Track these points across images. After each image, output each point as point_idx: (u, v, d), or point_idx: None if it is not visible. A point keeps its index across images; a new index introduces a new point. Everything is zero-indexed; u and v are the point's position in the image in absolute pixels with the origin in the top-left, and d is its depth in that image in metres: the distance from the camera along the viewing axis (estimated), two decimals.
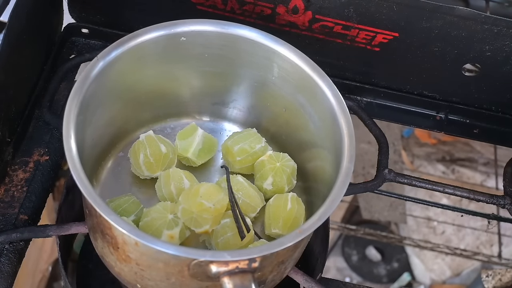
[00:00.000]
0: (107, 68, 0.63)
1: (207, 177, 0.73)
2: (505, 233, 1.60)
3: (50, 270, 1.30)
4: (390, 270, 1.89)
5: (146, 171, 0.69)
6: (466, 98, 0.89)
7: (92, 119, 0.64)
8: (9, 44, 0.68)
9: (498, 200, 0.79)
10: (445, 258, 1.76)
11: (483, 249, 1.71)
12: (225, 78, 0.72)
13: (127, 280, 0.62)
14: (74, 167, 0.55)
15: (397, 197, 1.26)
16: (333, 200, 0.58)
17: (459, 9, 0.73)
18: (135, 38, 0.64)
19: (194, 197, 0.63)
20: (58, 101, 0.79)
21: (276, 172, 0.69)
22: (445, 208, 1.24)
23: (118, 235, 0.56)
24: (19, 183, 0.73)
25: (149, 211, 0.64)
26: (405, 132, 1.83)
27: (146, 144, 0.68)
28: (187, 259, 0.53)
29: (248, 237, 0.64)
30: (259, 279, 0.58)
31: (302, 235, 0.55)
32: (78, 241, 0.83)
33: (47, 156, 0.75)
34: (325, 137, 0.67)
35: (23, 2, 0.70)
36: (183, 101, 0.75)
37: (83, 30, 0.86)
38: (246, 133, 0.72)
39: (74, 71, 0.83)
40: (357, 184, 0.77)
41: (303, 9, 0.77)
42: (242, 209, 0.66)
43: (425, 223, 1.76)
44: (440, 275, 1.77)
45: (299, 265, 0.70)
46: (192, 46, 0.68)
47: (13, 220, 0.70)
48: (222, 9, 0.79)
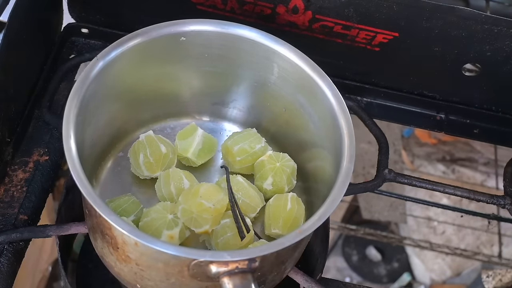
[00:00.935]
0: (107, 68, 0.63)
1: (207, 177, 0.73)
2: (506, 233, 1.60)
3: (50, 270, 1.30)
4: (390, 270, 1.89)
5: (146, 171, 0.69)
6: (466, 98, 0.89)
7: (92, 119, 0.64)
8: (8, 44, 0.68)
9: (498, 200, 0.79)
10: (445, 258, 1.76)
11: (484, 249, 1.71)
12: (225, 78, 0.72)
13: (126, 280, 0.62)
14: (74, 167, 0.55)
15: (397, 197, 1.27)
16: (333, 200, 0.58)
17: (459, 9, 0.73)
18: (135, 38, 0.64)
19: (194, 197, 0.63)
20: (58, 101, 0.79)
21: (276, 172, 0.69)
22: (445, 208, 1.24)
23: (118, 235, 0.56)
24: (18, 183, 0.73)
25: (149, 211, 0.64)
26: (405, 132, 1.83)
27: (146, 144, 0.68)
28: (187, 259, 0.52)
29: (248, 237, 0.64)
30: (259, 279, 0.58)
31: (302, 235, 0.55)
32: (78, 241, 0.83)
33: (46, 156, 0.75)
34: (325, 137, 0.67)
35: (23, 2, 0.70)
36: (183, 101, 0.75)
37: (83, 30, 0.86)
38: (246, 133, 0.72)
39: (74, 71, 0.83)
40: (357, 184, 0.77)
41: (303, 9, 0.77)
42: (242, 209, 0.66)
43: (425, 223, 1.76)
44: (440, 275, 1.77)
45: (299, 265, 0.70)
46: (192, 46, 0.68)
47: (12, 220, 0.70)
48: (222, 9, 0.79)
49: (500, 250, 1.54)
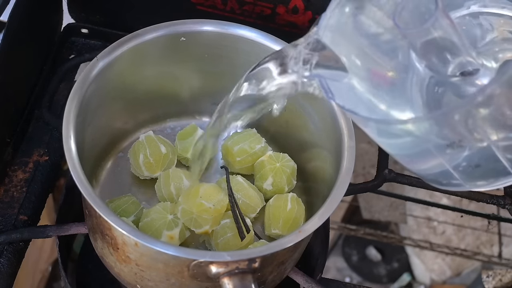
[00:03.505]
0: (106, 68, 0.63)
1: (207, 177, 0.73)
2: (506, 233, 1.60)
3: (50, 270, 1.30)
4: (390, 270, 1.89)
5: (146, 171, 0.69)
6: None
7: (92, 119, 0.64)
8: (8, 44, 0.68)
9: (498, 200, 0.79)
10: (445, 258, 1.76)
11: (484, 249, 1.70)
12: (225, 78, 0.72)
13: (126, 281, 0.62)
14: (74, 167, 0.55)
15: (397, 197, 1.27)
16: (333, 200, 0.58)
17: None
18: (135, 38, 0.65)
19: (194, 198, 0.63)
20: (58, 101, 0.79)
21: (276, 172, 0.69)
22: (445, 208, 1.24)
23: (118, 236, 0.55)
24: (18, 183, 0.72)
25: (148, 212, 0.64)
26: None
27: (146, 144, 0.68)
28: (187, 260, 0.52)
29: (248, 237, 0.64)
30: (259, 279, 0.58)
31: (302, 235, 0.55)
32: (78, 241, 0.83)
33: (46, 157, 0.75)
34: (325, 137, 0.67)
35: (23, 2, 0.70)
36: (183, 101, 0.75)
37: (82, 30, 0.86)
38: (246, 134, 0.72)
39: (73, 71, 0.83)
40: (357, 184, 0.77)
41: (303, 9, 0.77)
42: (242, 210, 0.66)
43: (425, 223, 1.76)
44: (440, 275, 1.77)
45: (299, 266, 0.70)
46: (192, 46, 0.68)
47: (12, 220, 0.70)
48: (222, 9, 0.79)
49: (500, 250, 1.54)
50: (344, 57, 0.50)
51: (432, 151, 0.46)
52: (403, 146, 0.49)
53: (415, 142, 0.46)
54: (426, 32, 0.44)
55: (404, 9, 0.45)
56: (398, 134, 0.47)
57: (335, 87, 0.51)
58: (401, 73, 0.49)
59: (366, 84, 0.50)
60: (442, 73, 0.46)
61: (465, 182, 0.48)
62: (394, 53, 0.49)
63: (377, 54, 0.49)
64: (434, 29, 0.44)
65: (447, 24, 0.44)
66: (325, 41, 0.50)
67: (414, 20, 0.45)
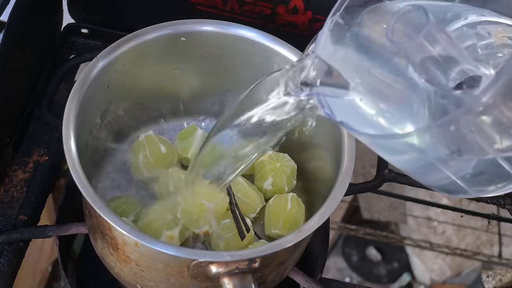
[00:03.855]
0: (107, 68, 0.63)
1: None
2: (506, 233, 1.60)
3: (50, 270, 1.30)
4: (390, 270, 1.89)
5: (146, 171, 0.69)
6: None
7: (92, 119, 0.64)
8: (8, 44, 0.68)
9: (498, 200, 0.79)
10: (445, 258, 1.76)
11: (484, 249, 1.70)
12: (225, 78, 0.72)
13: (126, 281, 0.62)
14: (74, 167, 0.55)
15: (397, 197, 1.27)
16: (333, 200, 0.58)
17: None
18: (135, 38, 0.64)
19: (194, 198, 0.63)
20: (58, 101, 0.79)
21: (276, 172, 0.69)
22: (445, 208, 1.24)
23: (118, 236, 0.55)
24: (18, 183, 0.72)
25: (148, 212, 0.64)
26: None
27: (146, 144, 0.68)
28: (187, 260, 0.52)
29: (248, 237, 0.64)
30: (259, 279, 0.58)
31: (302, 235, 0.55)
32: (78, 241, 0.83)
33: (46, 157, 0.75)
34: (325, 137, 0.66)
35: (23, 2, 0.70)
36: (183, 101, 0.75)
37: (82, 30, 0.86)
38: None
39: (73, 71, 0.83)
40: (357, 184, 0.77)
41: (303, 9, 0.77)
42: (242, 210, 0.66)
43: (425, 223, 1.76)
44: (440, 275, 1.77)
45: (299, 266, 0.70)
46: (192, 46, 0.68)
47: (12, 220, 0.70)
48: (222, 9, 0.79)
49: (500, 250, 1.54)
50: (344, 73, 0.50)
51: (436, 165, 0.46)
52: (407, 161, 0.49)
53: (419, 157, 0.46)
54: (420, 46, 0.44)
55: (397, 23, 0.45)
56: (402, 150, 0.47)
57: (335, 104, 0.51)
58: (402, 88, 0.49)
59: (367, 100, 0.50)
60: (442, 86, 0.46)
61: (472, 190, 0.48)
62: (394, 69, 0.49)
63: (377, 70, 0.49)
64: (428, 41, 0.44)
65: (441, 35, 0.44)
66: (324, 58, 0.50)
67: (408, 34, 0.45)
